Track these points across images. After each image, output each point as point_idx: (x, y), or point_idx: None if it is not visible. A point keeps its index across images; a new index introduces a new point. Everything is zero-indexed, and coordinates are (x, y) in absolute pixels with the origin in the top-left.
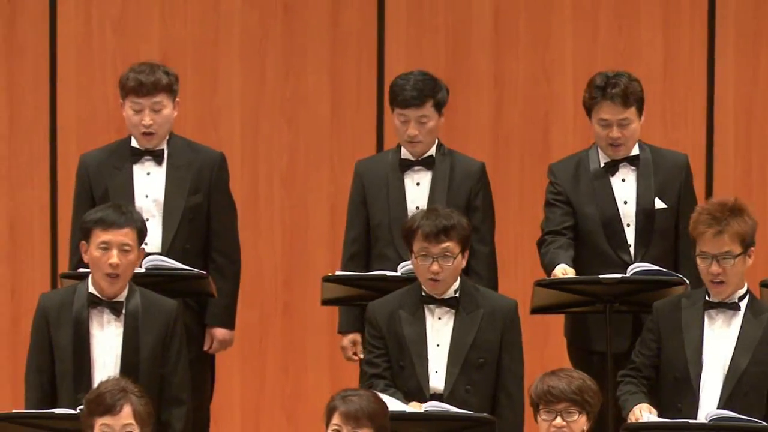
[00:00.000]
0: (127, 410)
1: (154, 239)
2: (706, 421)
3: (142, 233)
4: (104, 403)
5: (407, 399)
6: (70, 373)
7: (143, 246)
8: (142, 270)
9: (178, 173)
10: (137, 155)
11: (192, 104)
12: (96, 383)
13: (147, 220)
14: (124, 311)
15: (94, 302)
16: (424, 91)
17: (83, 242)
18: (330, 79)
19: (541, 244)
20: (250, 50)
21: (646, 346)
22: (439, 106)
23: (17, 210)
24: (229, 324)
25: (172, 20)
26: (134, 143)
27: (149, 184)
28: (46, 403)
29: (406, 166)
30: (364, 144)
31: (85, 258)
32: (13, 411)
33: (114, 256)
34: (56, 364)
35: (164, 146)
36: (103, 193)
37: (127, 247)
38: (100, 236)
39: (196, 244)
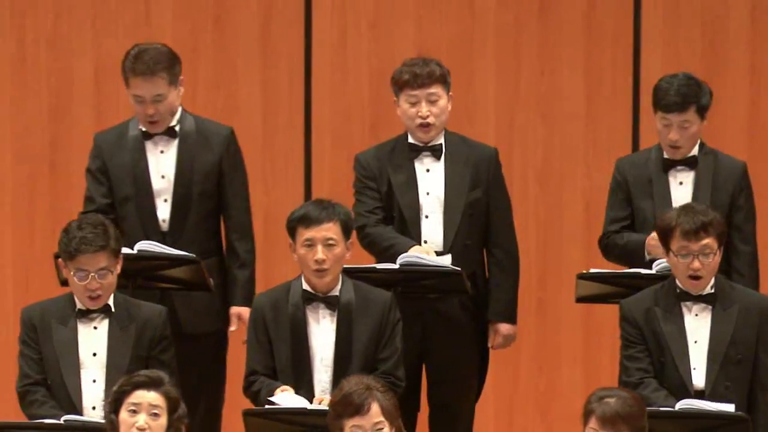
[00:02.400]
0: (375, 408)
1: (434, 236)
2: None
3: (347, 226)
4: (353, 404)
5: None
6: (289, 369)
7: (423, 242)
8: (396, 266)
9: (457, 168)
10: (415, 151)
11: None
12: (316, 378)
13: (427, 216)
14: (338, 305)
15: (309, 298)
16: (688, 97)
17: (291, 242)
18: (585, 76)
19: None
20: (505, 47)
21: None
22: (702, 111)
23: (272, 207)
24: (512, 318)
25: (428, 19)
26: (411, 139)
27: (429, 181)
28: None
29: (669, 165)
30: (620, 141)
31: (294, 257)
32: (266, 407)
33: (319, 252)
34: (275, 361)
35: (441, 141)
36: (387, 190)
37: (331, 242)
38: (304, 234)
39: (475, 240)
